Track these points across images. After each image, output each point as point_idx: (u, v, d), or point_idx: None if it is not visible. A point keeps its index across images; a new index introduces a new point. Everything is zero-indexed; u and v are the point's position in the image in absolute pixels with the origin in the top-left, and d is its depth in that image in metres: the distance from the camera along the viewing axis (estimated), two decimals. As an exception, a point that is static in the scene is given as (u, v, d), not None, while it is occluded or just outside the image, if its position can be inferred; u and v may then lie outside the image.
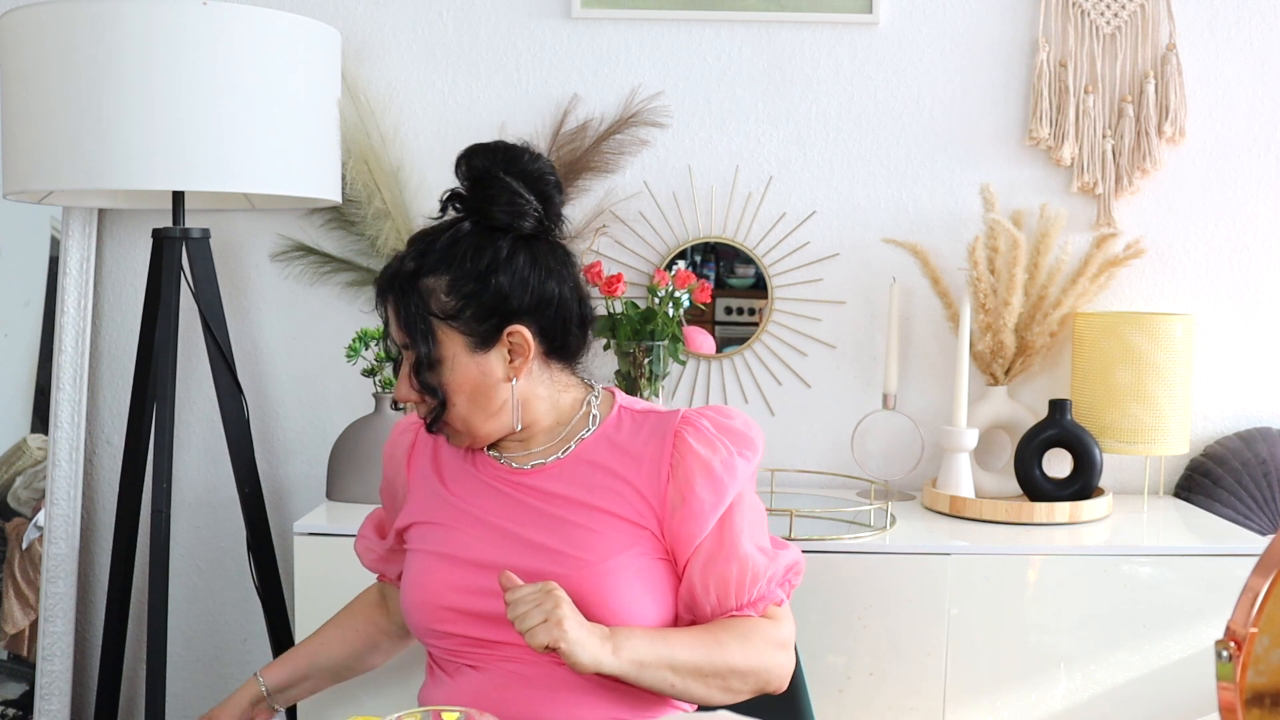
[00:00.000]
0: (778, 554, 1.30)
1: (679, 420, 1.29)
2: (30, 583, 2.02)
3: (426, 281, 1.25)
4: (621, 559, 1.23)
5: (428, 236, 1.28)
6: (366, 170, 1.94)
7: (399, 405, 1.84)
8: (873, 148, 2.03)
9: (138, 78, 1.61)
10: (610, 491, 1.26)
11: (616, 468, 1.28)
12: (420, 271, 1.25)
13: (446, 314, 1.24)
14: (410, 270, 1.25)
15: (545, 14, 2.02)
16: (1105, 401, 1.90)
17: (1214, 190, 2.03)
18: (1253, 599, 0.81)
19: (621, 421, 1.32)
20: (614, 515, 1.25)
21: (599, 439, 1.30)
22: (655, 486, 1.26)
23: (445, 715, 0.94)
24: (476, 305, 1.24)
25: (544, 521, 1.26)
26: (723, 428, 1.29)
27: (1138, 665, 1.69)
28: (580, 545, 1.24)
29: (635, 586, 1.23)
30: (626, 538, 1.25)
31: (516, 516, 1.28)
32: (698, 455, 1.25)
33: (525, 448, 1.32)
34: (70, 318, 2.00)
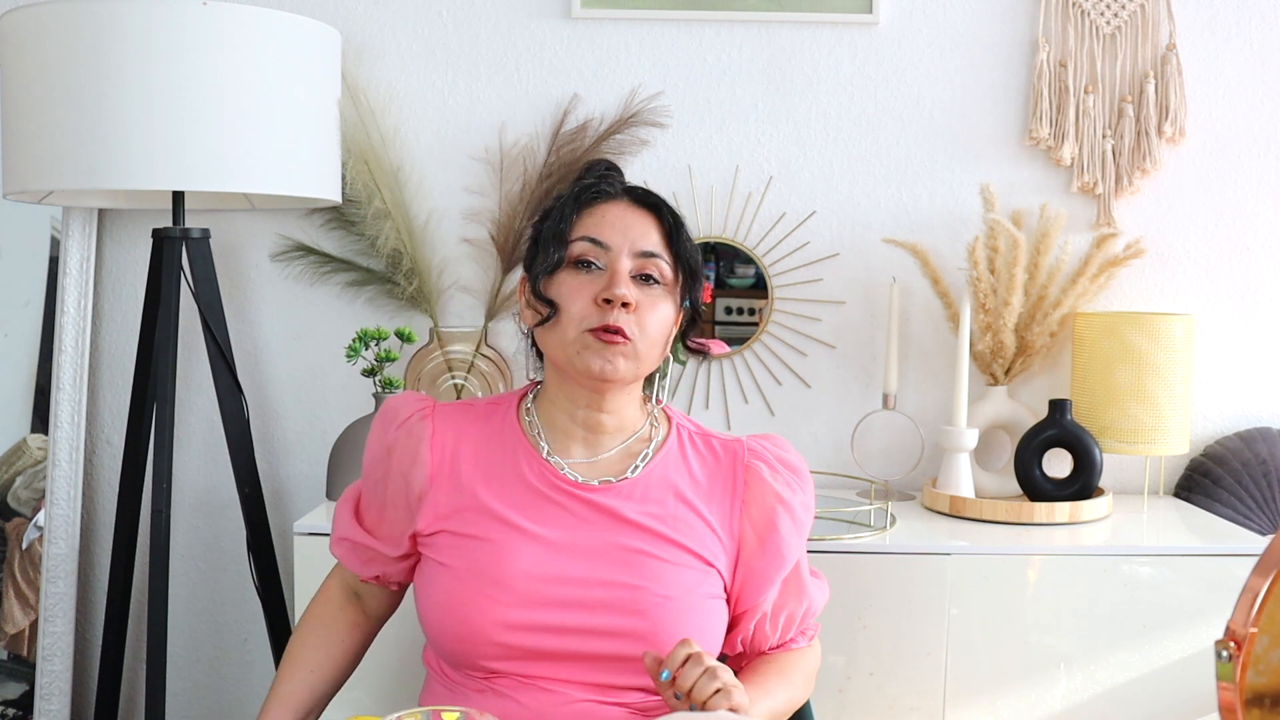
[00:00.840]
0: (821, 583, 1.34)
1: (748, 452, 1.27)
2: (30, 583, 2.02)
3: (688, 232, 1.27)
4: (694, 597, 1.19)
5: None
6: (366, 170, 1.94)
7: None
8: (873, 148, 2.03)
9: (138, 78, 1.61)
10: (683, 523, 1.22)
11: (688, 495, 1.23)
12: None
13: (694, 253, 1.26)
14: (674, 209, 1.27)
15: (545, 14, 2.02)
16: (1105, 401, 1.90)
17: (1214, 190, 2.04)
18: (1253, 599, 0.81)
19: (683, 442, 1.28)
20: (687, 550, 1.20)
21: (667, 460, 1.25)
22: (726, 521, 1.23)
23: (445, 715, 0.94)
24: (697, 262, 1.26)
25: (616, 551, 1.18)
26: (787, 463, 1.28)
27: (1138, 665, 1.69)
28: (656, 580, 1.17)
29: (702, 626, 1.19)
30: (698, 574, 1.21)
31: (584, 541, 1.19)
32: (777, 494, 1.24)
33: (593, 452, 1.25)
34: (70, 318, 2.00)
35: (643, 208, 1.24)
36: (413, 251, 1.98)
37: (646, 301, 1.20)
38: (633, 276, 1.21)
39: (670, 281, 1.23)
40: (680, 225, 1.25)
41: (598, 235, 1.21)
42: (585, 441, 1.25)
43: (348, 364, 1.98)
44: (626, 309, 1.18)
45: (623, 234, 1.21)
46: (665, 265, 1.22)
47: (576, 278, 1.21)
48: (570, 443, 1.25)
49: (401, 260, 1.97)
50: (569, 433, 1.25)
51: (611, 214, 1.23)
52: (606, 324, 1.18)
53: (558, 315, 1.21)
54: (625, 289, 1.18)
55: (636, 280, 1.21)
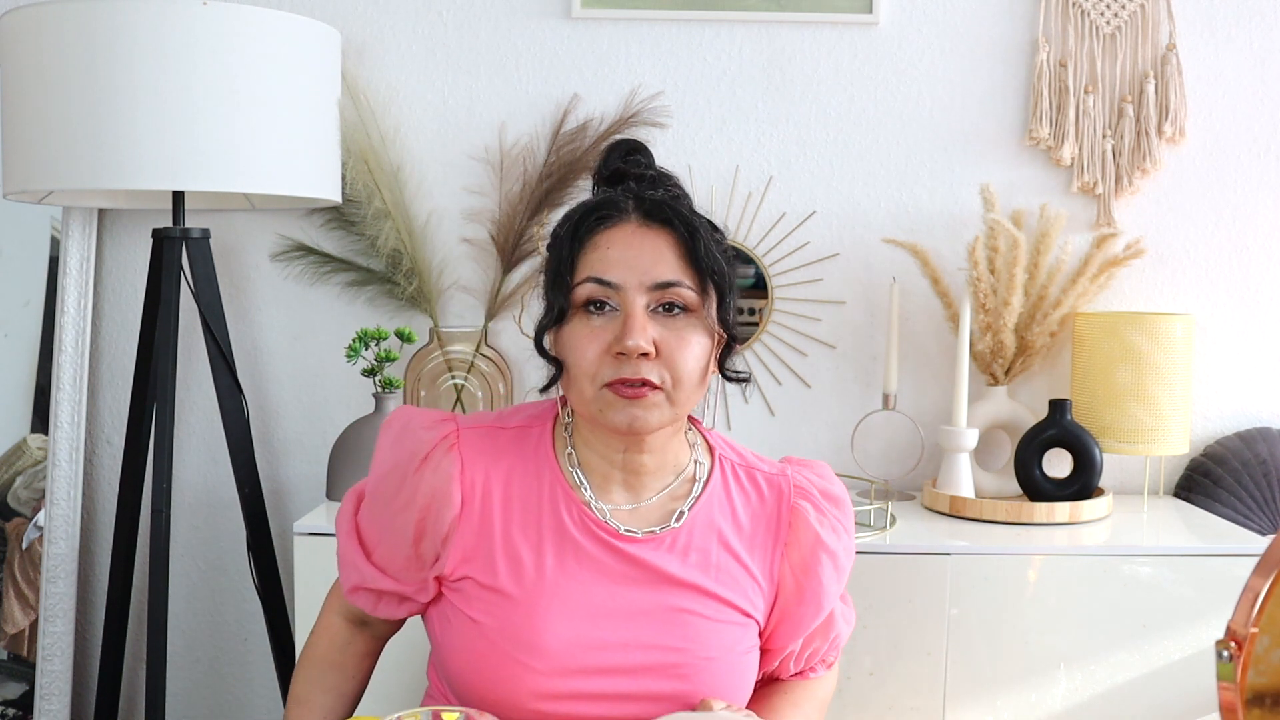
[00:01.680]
0: (849, 610, 1.28)
1: (794, 491, 1.18)
2: (30, 583, 2.02)
3: (719, 236, 1.13)
4: (734, 655, 1.13)
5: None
6: (366, 170, 1.94)
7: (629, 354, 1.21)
8: (873, 148, 2.03)
9: (138, 78, 1.61)
10: (726, 573, 1.13)
11: (731, 541, 1.14)
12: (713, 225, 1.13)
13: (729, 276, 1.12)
14: (707, 221, 1.13)
15: (545, 14, 2.02)
16: (1105, 401, 1.90)
17: (1214, 190, 2.04)
18: (1253, 599, 0.82)
19: (727, 478, 1.18)
20: (730, 605, 1.13)
21: (711, 501, 1.15)
22: (766, 565, 1.16)
23: (445, 715, 0.94)
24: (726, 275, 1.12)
25: (661, 612, 1.09)
26: (831, 497, 1.20)
27: (1138, 665, 1.69)
28: (700, 641, 1.10)
29: (740, 684, 1.14)
30: (739, 629, 1.14)
31: (627, 601, 1.09)
32: (822, 541, 1.16)
33: (635, 496, 1.14)
34: (70, 318, 2.00)
35: (654, 224, 1.10)
36: (413, 251, 1.98)
37: (672, 339, 1.07)
38: (651, 310, 1.07)
39: (698, 306, 1.10)
40: (698, 236, 1.10)
41: (604, 275, 1.07)
42: (626, 485, 1.15)
43: (348, 364, 1.98)
44: (647, 358, 1.06)
45: (631, 267, 1.07)
46: (688, 291, 1.08)
47: (587, 325, 1.07)
48: (611, 486, 1.14)
49: (401, 260, 1.97)
50: (608, 476, 1.14)
51: (618, 243, 1.08)
52: (624, 378, 1.05)
53: (568, 373, 1.09)
54: (640, 338, 1.04)
55: (658, 314, 1.08)
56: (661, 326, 1.07)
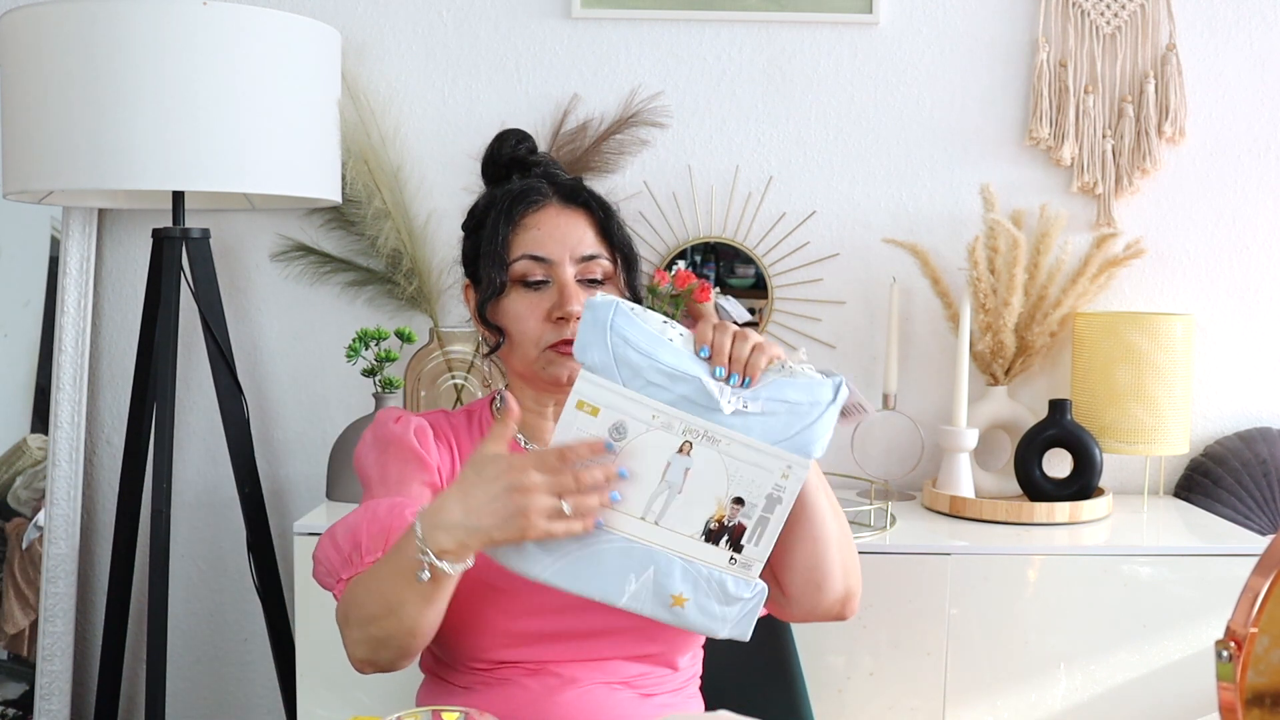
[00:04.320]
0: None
1: None
2: (30, 583, 2.02)
3: (620, 217, 1.27)
4: None
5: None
6: (366, 170, 1.94)
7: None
8: (873, 148, 2.03)
9: (137, 78, 1.61)
10: None
11: None
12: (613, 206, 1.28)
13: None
14: (601, 198, 1.27)
15: (545, 14, 2.02)
16: (1105, 401, 1.90)
17: (1214, 190, 2.03)
18: (1253, 599, 0.81)
19: None
20: None
21: None
22: None
23: (445, 715, 0.94)
24: (632, 247, 1.27)
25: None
26: None
27: (1138, 665, 1.69)
28: None
29: None
30: None
31: None
32: None
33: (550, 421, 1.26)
34: (70, 318, 2.00)
35: (574, 206, 1.24)
36: (413, 251, 1.98)
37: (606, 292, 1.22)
38: (578, 280, 1.21)
39: (613, 275, 1.25)
40: (610, 214, 1.25)
41: (537, 251, 1.21)
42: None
43: (348, 364, 1.98)
44: (579, 320, 1.16)
45: (560, 242, 1.21)
46: (606, 261, 1.23)
47: (525, 298, 1.21)
48: (544, 433, 1.26)
49: (401, 260, 1.97)
50: (539, 426, 1.26)
51: (545, 223, 1.22)
52: (565, 338, 1.19)
53: (511, 339, 1.23)
54: (577, 304, 1.19)
55: (583, 284, 1.22)
56: (586, 295, 1.21)
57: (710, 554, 1.04)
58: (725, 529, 1.04)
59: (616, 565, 1.04)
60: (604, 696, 1.19)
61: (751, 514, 1.04)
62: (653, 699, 1.23)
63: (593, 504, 1.01)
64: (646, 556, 1.04)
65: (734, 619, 1.06)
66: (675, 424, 1.02)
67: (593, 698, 1.19)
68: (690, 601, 1.05)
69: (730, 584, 1.05)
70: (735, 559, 1.05)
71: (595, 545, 1.03)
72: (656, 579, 1.04)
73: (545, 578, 1.04)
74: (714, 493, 1.03)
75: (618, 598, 1.05)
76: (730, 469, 1.03)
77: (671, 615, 1.05)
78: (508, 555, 1.04)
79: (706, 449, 1.03)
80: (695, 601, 1.05)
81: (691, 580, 1.04)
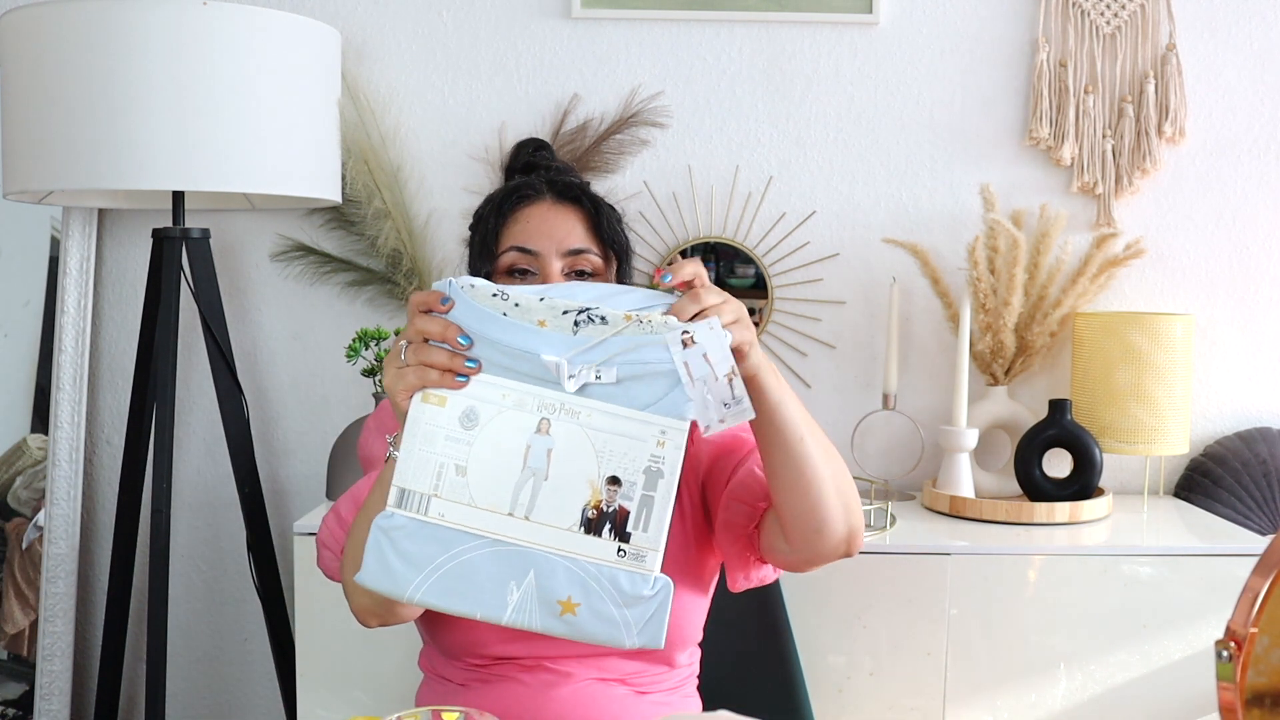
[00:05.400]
0: None
1: None
2: (30, 583, 2.02)
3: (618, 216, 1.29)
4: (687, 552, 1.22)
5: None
6: (366, 170, 1.94)
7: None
8: (873, 148, 2.03)
9: (138, 78, 1.61)
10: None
11: None
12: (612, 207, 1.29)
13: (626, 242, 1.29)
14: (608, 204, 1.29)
15: (545, 14, 2.02)
16: (1105, 401, 1.90)
17: (1214, 190, 2.03)
18: (1253, 599, 0.81)
19: None
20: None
21: None
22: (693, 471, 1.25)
23: (445, 715, 0.94)
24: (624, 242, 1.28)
25: None
26: None
27: (1138, 665, 1.69)
28: None
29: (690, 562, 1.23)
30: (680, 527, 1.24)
31: None
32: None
33: None
34: (70, 318, 2.00)
35: (565, 202, 1.26)
36: (413, 251, 1.98)
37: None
38: (566, 274, 1.23)
39: (603, 270, 1.26)
40: (602, 210, 1.27)
41: (525, 243, 1.23)
42: None
43: (348, 364, 1.98)
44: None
45: (548, 236, 1.23)
46: (595, 256, 1.24)
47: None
48: None
49: (401, 260, 1.97)
50: None
51: (535, 217, 1.24)
52: None
53: None
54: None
55: (570, 278, 1.23)
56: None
57: (594, 548, 0.92)
58: (605, 515, 0.92)
59: (492, 573, 0.92)
60: (599, 693, 1.20)
61: (632, 494, 0.91)
62: (648, 696, 1.23)
63: (435, 358, 0.94)
64: (523, 559, 0.92)
65: (638, 623, 0.92)
66: (528, 400, 0.92)
67: (588, 694, 1.19)
68: (582, 606, 0.92)
69: (624, 581, 0.92)
70: (624, 550, 0.92)
71: (463, 552, 0.92)
72: (539, 583, 0.92)
73: (418, 598, 0.93)
74: (584, 474, 0.92)
75: (500, 612, 0.92)
76: (597, 444, 0.92)
77: (564, 625, 0.92)
78: (376, 579, 0.94)
79: (567, 424, 0.92)
80: (588, 606, 0.92)
81: (579, 581, 0.92)
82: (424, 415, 0.94)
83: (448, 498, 0.93)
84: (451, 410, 0.94)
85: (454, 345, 0.94)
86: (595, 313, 0.93)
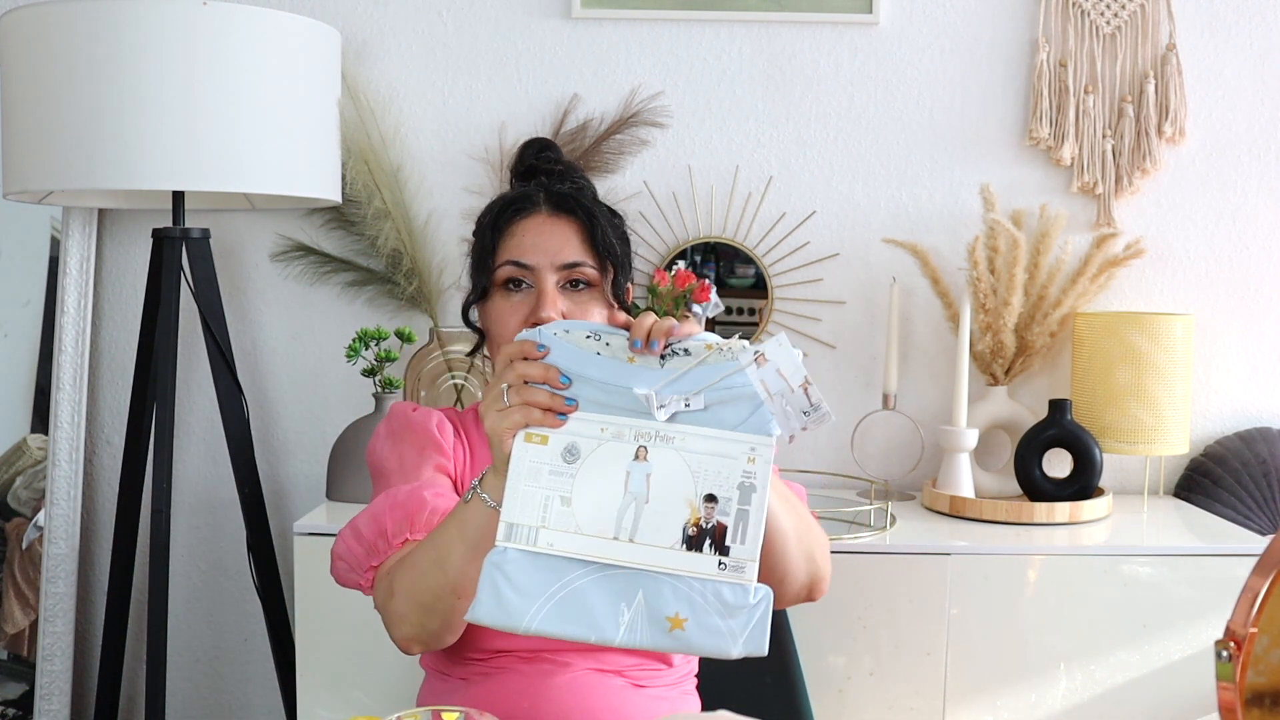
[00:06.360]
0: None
1: None
2: (30, 583, 2.02)
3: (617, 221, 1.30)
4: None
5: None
6: (366, 170, 1.94)
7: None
8: (873, 148, 2.03)
9: (138, 78, 1.61)
10: None
11: None
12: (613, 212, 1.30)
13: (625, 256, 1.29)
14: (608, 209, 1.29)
15: (545, 14, 2.02)
16: (1105, 401, 1.90)
17: (1214, 190, 2.03)
18: (1253, 599, 0.82)
19: None
20: None
21: None
22: None
23: (445, 715, 0.94)
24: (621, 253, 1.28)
25: None
26: None
27: (1138, 665, 1.69)
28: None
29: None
30: None
31: None
32: None
33: None
34: (70, 318, 2.00)
35: (561, 214, 1.26)
36: (413, 251, 1.98)
37: (578, 310, 1.24)
38: (561, 286, 1.23)
39: (598, 281, 1.26)
40: (597, 221, 1.26)
41: (520, 257, 1.24)
42: None
43: (348, 364, 1.98)
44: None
45: (543, 250, 1.23)
46: (590, 269, 1.24)
47: (507, 301, 1.24)
48: None
49: (401, 260, 1.97)
50: None
51: (531, 231, 1.25)
52: None
53: (492, 341, 1.27)
54: (552, 309, 1.21)
55: (566, 289, 1.24)
56: (569, 300, 1.24)
57: (697, 563, 0.98)
58: (705, 532, 0.99)
59: (603, 597, 0.98)
60: (595, 683, 1.21)
61: (728, 509, 0.98)
62: (645, 690, 1.24)
63: (538, 398, 1.00)
64: (631, 581, 0.98)
65: (743, 632, 0.98)
66: (626, 431, 1.00)
67: (584, 683, 1.20)
68: (690, 621, 0.98)
69: (727, 593, 0.98)
70: (724, 563, 0.98)
71: (574, 579, 0.99)
72: (648, 602, 0.98)
73: (534, 627, 0.98)
74: (683, 495, 0.99)
75: (614, 633, 0.98)
76: (692, 465, 0.99)
77: (673, 640, 0.98)
78: (491, 613, 0.99)
79: (663, 449, 0.99)
80: (695, 620, 0.98)
81: (685, 597, 0.98)
82: (528, 454, 1.00)
83: (555, 527, 0.99)
84: (553, 447, 1.00)
85: (555, 385, 1.00)
86: (679, 345, 1.01)
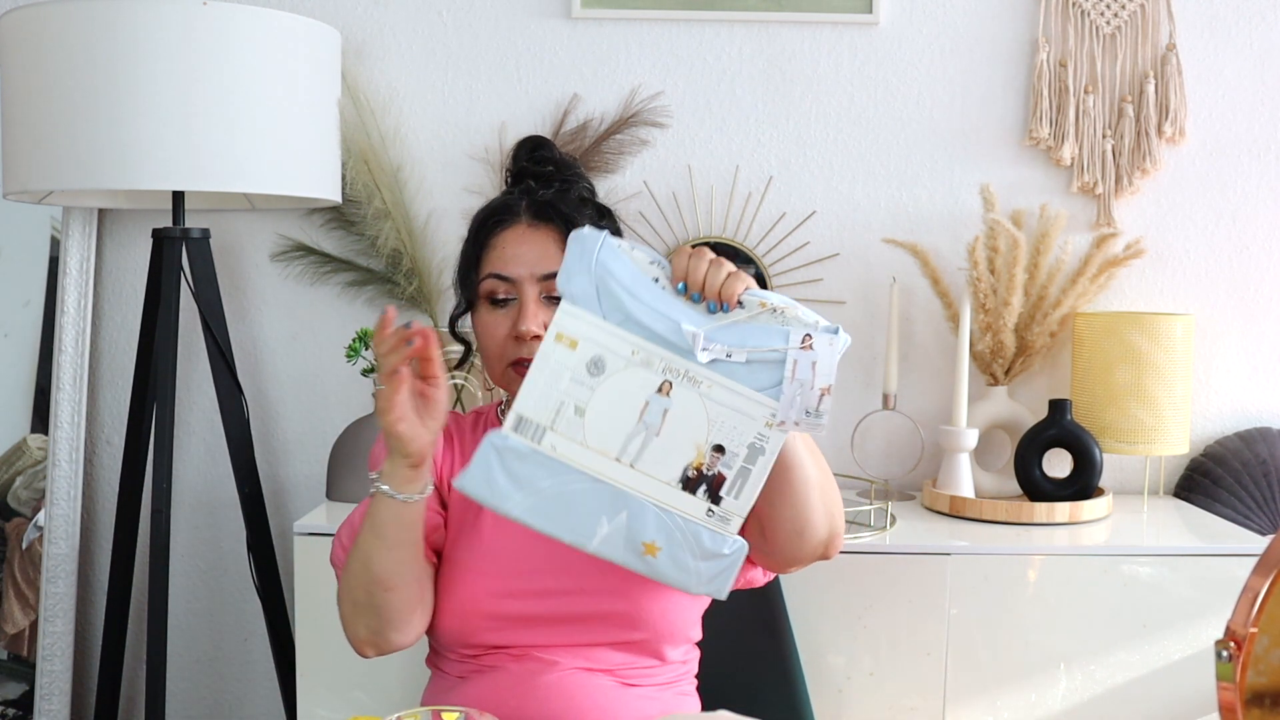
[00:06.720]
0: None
1: None
2: (30, 583, 2.02)
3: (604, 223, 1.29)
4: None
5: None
6: (366, 170, 1.94)
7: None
8: (873, 148, 2.03)
9: (138, 78, 1.61)
10: None
11: None
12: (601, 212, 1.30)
13: None
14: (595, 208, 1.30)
15: (545, 14, 2.02)
16: (1105, 401, 1.90)
17: (1214, 190, 2.03)
18: (1253, 599, 0.82)
19: None
20: None
21: None
22: None
23: (445, 715, 0.95)
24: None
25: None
26: None
27: (1138, 665, 1.69)
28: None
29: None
30: None
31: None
32: None
33: None
34: (70, 318, 2.00)
35: (541, 223, 1.26)
36: (413, 251, 1.98)
37: None
38: (545, 298, 1.24)
39: None
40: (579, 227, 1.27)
41: (501, 270, 1.24)
42: None
43: (348, 364, 1.98)
44: (539, 339, 1.19)
45: (523, 262, 1.24)
46: None
47: (491, 315, 1.25)
48: None
49: (401, 260, 1.97)
50: None
51: (512, 242, 1.25)
52: (522, 357, 1.22)
53: (480, 353, 1.28)
54: (533, 323, 1.21)
55: (550, 301, 1.23)
56: (552, 311, 1.21)
57: (687, 503, 1.01)
58: (704, 478, 1.01)
59: (588, 506, 1.01)
60: (582, 681, 1.21)
61: (732, 464, 1.00)
62: (634, 689, 1.24)
63: (391, 361, 1.05)
64: (619, 499, 1.01)
65: (708, 575, 1.02)
66: (655, 361, 1.00)
67: (571, 681, 1.21)
68: (663, 552, 1.01)
69: (706, 538, 1.01)
70: (713, 511, 1.01)
71: (566, 482, 1.01)
72: (629, 524, 1.01)
73: (517, 514, 1.02)
74: (693, 438, 1.00)
75: (589, 540, 1.02)
76: (711, 414, 1.00)
77: (643, 564, 1.02)
78: (478, 487, 1.02)
79: (687, 390, 1.00)
80: (668, 552, 1.01)
81: (665, 530, 1.01)
82: (555, 353, 1.01)
83: (562, 433, 1.02)
84: (581, 355, 1.01)
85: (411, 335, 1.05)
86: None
